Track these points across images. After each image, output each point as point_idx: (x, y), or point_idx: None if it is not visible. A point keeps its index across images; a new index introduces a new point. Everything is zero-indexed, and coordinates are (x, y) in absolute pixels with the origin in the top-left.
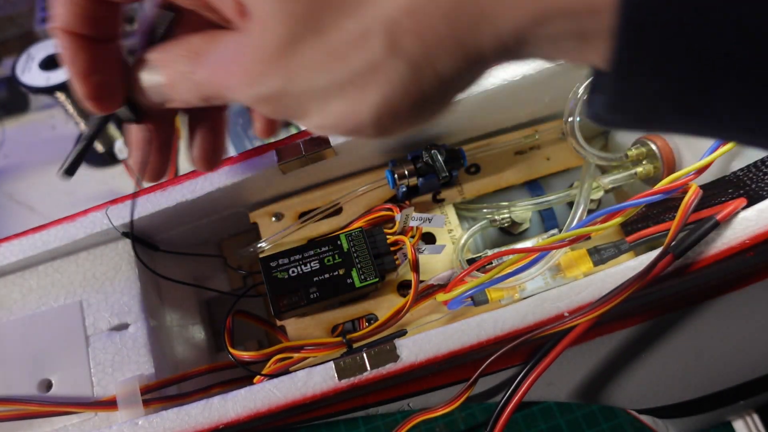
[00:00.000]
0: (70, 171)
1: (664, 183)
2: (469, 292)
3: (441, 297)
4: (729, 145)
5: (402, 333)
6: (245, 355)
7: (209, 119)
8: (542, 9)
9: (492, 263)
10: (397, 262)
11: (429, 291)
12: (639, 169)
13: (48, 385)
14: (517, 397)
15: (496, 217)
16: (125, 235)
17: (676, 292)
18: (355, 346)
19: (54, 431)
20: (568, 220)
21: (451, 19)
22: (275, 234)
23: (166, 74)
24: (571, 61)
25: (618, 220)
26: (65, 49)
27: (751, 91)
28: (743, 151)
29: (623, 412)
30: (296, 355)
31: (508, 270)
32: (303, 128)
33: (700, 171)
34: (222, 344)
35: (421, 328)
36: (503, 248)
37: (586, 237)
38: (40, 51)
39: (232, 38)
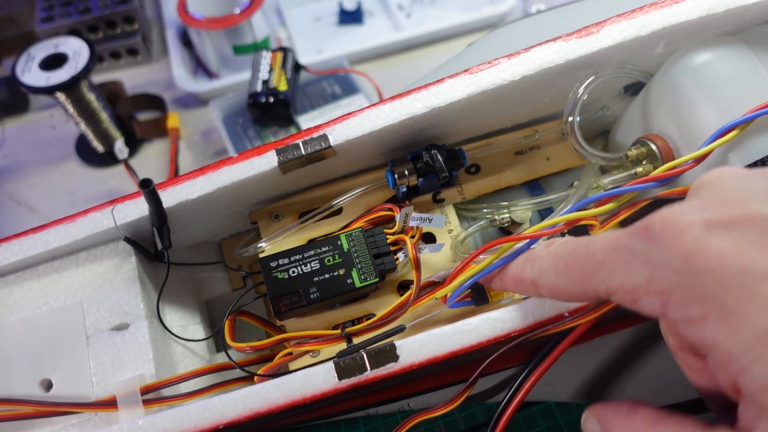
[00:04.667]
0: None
1: (661, 170)
2: (467, 282)
3: (440, 293)
4: (728, 136)
5: (401, 329)
6: (245, 346)
7: None
8: None
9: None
10: (397, 262)
11: (429, 288)
12: (639, 169)
13: (48, 385)
14: (518, 398)
15: (496, 217)
16: (127, 240)
17: None
18: (354, 340)
19: (54, 431)
20: (561, 205)
21: None
22: (275, 234)
23: None
24: None
25: (611, 205)
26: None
27: None
28: (741, 143)
29: None
30: (296, 350)
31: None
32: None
33: (699, 160)
34: (222, 344)
35: (421, 328)
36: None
37: (578, 222)
38: (40, 51)
39: None
